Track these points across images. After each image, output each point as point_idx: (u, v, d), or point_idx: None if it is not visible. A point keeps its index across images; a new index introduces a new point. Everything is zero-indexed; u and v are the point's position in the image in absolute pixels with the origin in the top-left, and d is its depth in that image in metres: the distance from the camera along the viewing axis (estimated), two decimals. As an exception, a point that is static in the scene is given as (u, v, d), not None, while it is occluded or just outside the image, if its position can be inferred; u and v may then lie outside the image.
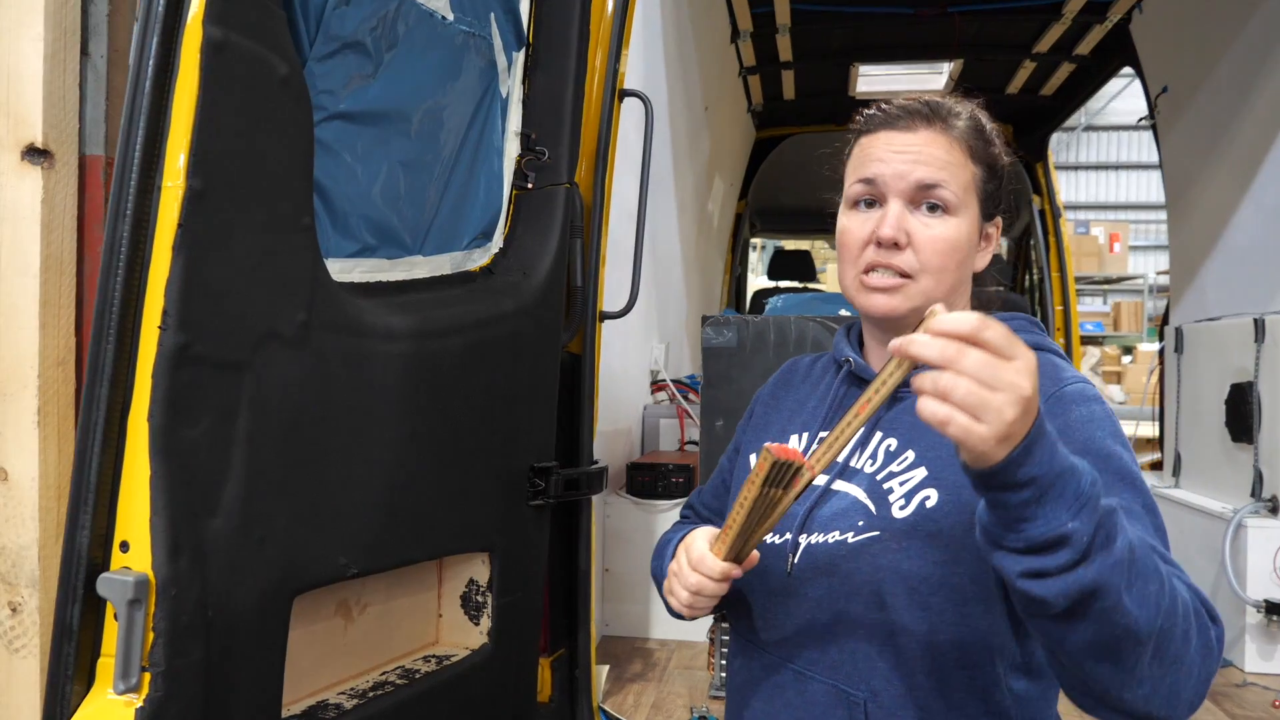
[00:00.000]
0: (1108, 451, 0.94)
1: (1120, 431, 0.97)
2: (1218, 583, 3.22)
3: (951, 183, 1.05)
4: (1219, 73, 4.02)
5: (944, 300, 1.07)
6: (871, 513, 1.02)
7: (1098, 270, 10.95)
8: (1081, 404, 0.98)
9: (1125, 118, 15.40)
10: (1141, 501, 0.92)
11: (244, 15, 1.06)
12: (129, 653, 0.96)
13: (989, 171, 1.10)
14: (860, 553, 1.01)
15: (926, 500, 0.99)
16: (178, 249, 0.99)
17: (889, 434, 1.07)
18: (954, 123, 1.08)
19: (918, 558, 0.98)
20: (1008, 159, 1.13)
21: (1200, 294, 4.27)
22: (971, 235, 1.08)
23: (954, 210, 1.05)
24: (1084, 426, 0.96)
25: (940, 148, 1.06)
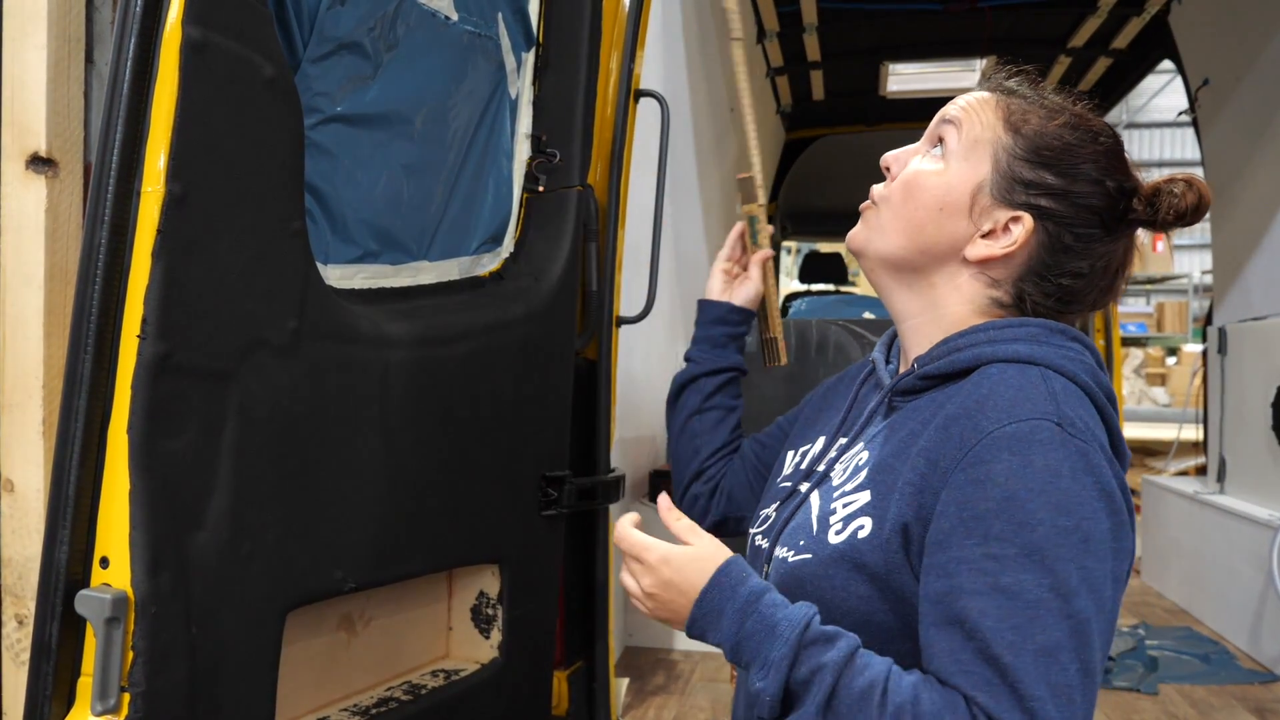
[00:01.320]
0: (1022, 519, 0.84)
1: (1057, 488, 0.85)
2: (1265, 592, 3.11)
3: (964, 128, 1.00)
4: (1263, 63, 3.90)
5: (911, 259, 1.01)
6: (812, 534, 0.98)
7: (1140, 270, 10.71)
8: (1017, 451, 0.86)
9: (1167, 114, 15.10)
10: (1050, 584, 0.82)
11: (226, 15, 1.03)
12: (107, 672, 0.93)
13: (1033, 157, 0.97)
14: (793, 575, 0.97)
15: (860, 530, 0.93)
16: (157, 255, 0.96)
17: (867, 446, 1.02)
18: (1013, 89, 1.03)
19: (841, 589, 0.93)
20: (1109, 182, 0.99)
21: (1245, 292, 4.14)
22: (952, 191, 0.99)
23: (950, 156, 1.00)
24: (1006, 481, 0.85)
25: (980, 106, 1.01)
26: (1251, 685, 3.10)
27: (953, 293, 1.02)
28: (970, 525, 0.85)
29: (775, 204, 6.26)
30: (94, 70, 1.39)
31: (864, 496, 0.96)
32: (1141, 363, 10.59)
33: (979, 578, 0.84)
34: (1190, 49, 4.37)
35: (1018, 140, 0.99)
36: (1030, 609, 0.82)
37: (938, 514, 0.88)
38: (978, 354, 0.96)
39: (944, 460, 0.90)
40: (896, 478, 0.94)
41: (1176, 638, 3.56)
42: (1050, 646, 0.81)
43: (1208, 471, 4.00)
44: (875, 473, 0.96)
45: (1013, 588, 0.82)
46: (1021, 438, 0.86)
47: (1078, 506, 0.84)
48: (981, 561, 0.84)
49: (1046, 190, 0.98)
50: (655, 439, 3.50)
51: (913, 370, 1.01)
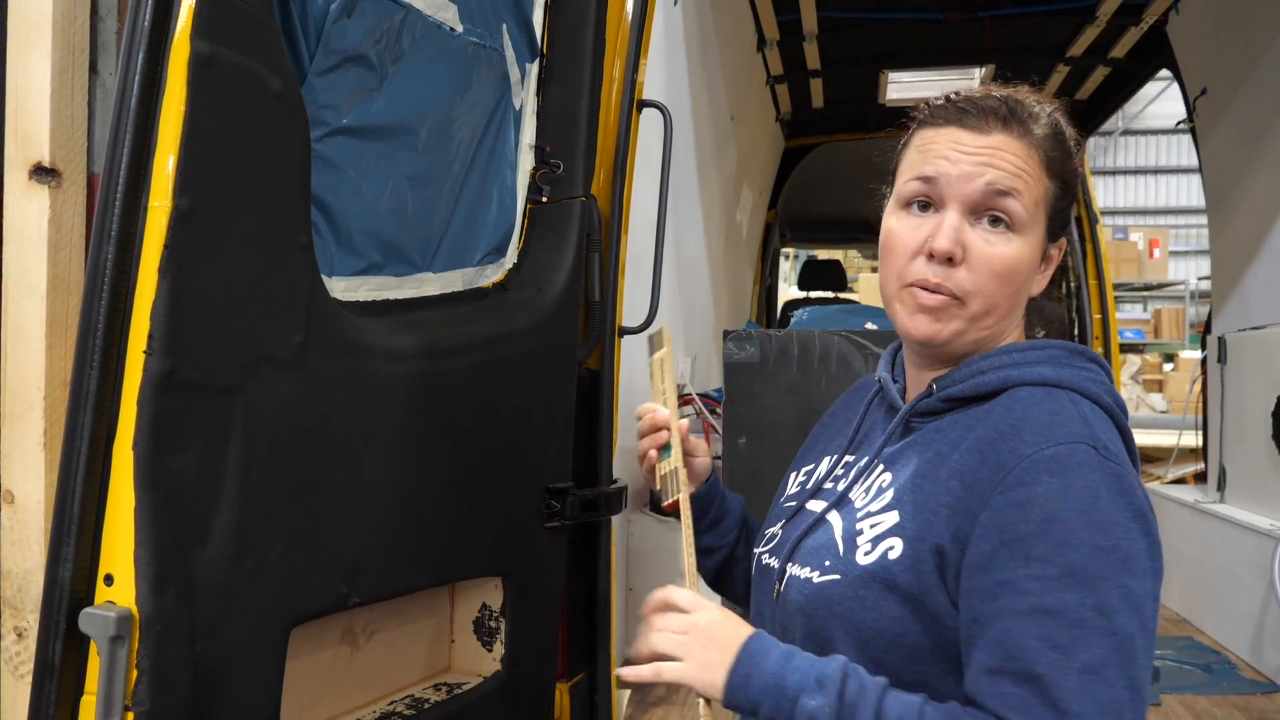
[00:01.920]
0: (1063, 539, 0.84)
1: (1097, 509, 0.86)
2: (1266, 602, 3.11)
3: (1024, 195, 0.94)
4: (1260, 73, 3.91)
5: (992, 329, 0.98)
6: (839, 554, 0.97)
7: (1137, 277, 10.76)
8: (1056, 474, 0.87)
9: (1163, 121, 15.15)
10: (1093, 604, 0.83)
11: (234, 29, 1.02)
12: (111, 691, 0.92)
13: (1063, 188, 0.99)
14: (819, 596, 0.96)
15: (890, 550, 0.93)
16: (164, 270, 0.96)
17: (888, 468, 1.01)
18: (1034, 127, 0.97)
19: (872, 610, 0.92)
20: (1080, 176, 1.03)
21: (1244, 301, 4.14)
22: (1034, 259, 0.98)
23: (1020, 228, 0.95)
24: (1047, 503, 0.86)
25: (1016, 154, 0.95)
26: (1254, 696, 3.10)
27: (1011, 325, 1.02)
28: (1012, 547, 0.86)
29: (775, 211, 6.27)
30: (98, 80, 1.38)
31: (891, 517, 0.95)
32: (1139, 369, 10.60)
33: (1022, 598, 0.84)
34: (1188, 59, 4.38)
35: (1056, 183, 0.98)
36: (1074, 628, 0.82)
37: (977, 537, 0.88)
38: (1004, 377, 0.96)
39: (981, 484, 0.90)
40: (927, 499, 0.93)
41: (1178, 648, 3.56)
42: (1095, 664, 0.81)
43: (1208, 480, 4.00)
44: (903, 494, 0.96)
45: (1056, 608, 0.83)
46: (1060, 460, 0.87)
47: (1115, 527, 0.85)
48: (1024, 582, 0.84)
49: (1069, 208, 1.02)
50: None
51: (931, 391, 1.01)
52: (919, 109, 1.03)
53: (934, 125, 0.99)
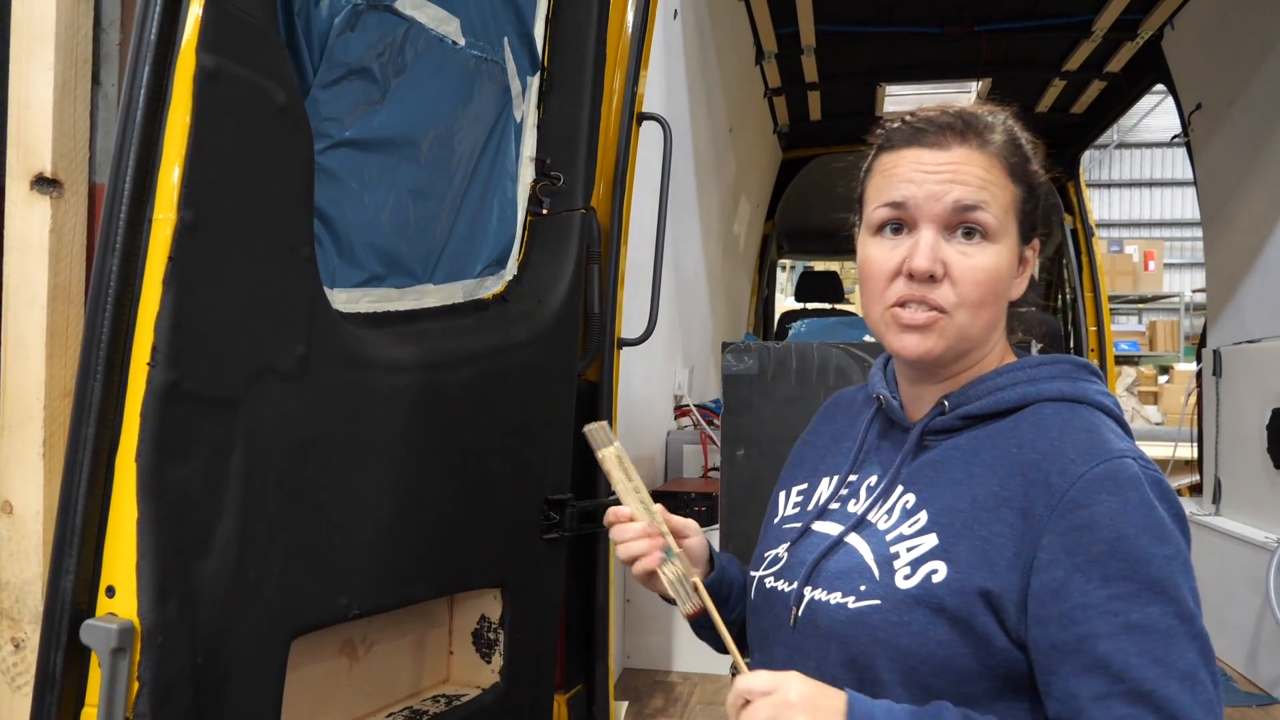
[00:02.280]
0: (1135, 555, 0.87)
1: (1155, 520, 0.89)
2: (1262, 615, 3.11)
3: (992, 205, 0.96)
4: (1254, 88, 3.93)
5: (980, 338, 0.99)
6: (875, 578, 0.95)
7: (1132, 289, 10.80)
8: (1114, 491, 0.89)
9: (1158, 135, 15.21)
10: (1175, 611, 0.86)
11: (239, 43, 1.03)
12: (112, 703, 0.92)
13: (1028, 191, 1.01)
14: (859, 621, 0.94)
15: (934, 574, 0.92)
16: (168, 283, 0.96)
17: (909, 488, 1.00)
18: (990, 137, 0.98)
19: (919, 635, 0.91)
20: (1045, 175, 1.04)
21: (1239, 314, 4.16)
22: (1012, 263, 0.99)
23: (994, 236, 0.96)
24: (1111, 522, 0.88)
25: (978, 166, 0.96)
26: (1249, 708, 3.10)
27: (997, 334, 1.03)
28: (1087, 570, 0.87)
29: (772, 223, 6.29)
30: (100, 91, 1.39)
31: (929, 540, 0.94)
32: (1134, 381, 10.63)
33: (1109, 619, 0.86)
34: (1183, 73, 4.40)
35: (1021, 188, 1.00)
36: (1165, 638, 0.85)
37: (1045, 563, 0.89)
38: (1023, 393, 0.98)
39: (1036, 508, 0.90)
40: (971, 523, 0.93)
41: (1173, 660, 3.56)
42: (1189, 670, 0.85)
43: (1203, 493, 4.01)
44: (939, 516, 0.95)
45: (1144, 623, 0.85)
46: (1113, 477, 0.90)
47: (1171, 533, 0.89)
48: (1108, 604, 0.86)
49: (1036, 209, 1.03)
50: (654, 459, 3.50)
51: (944, 409, 1.01)
52: (875, 134, 1.05)
53: (893, 149, 1.00)
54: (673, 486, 3.19)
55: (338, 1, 1.28)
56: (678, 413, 3.81)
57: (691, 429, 3.69)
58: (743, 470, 2.29)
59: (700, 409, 3.63)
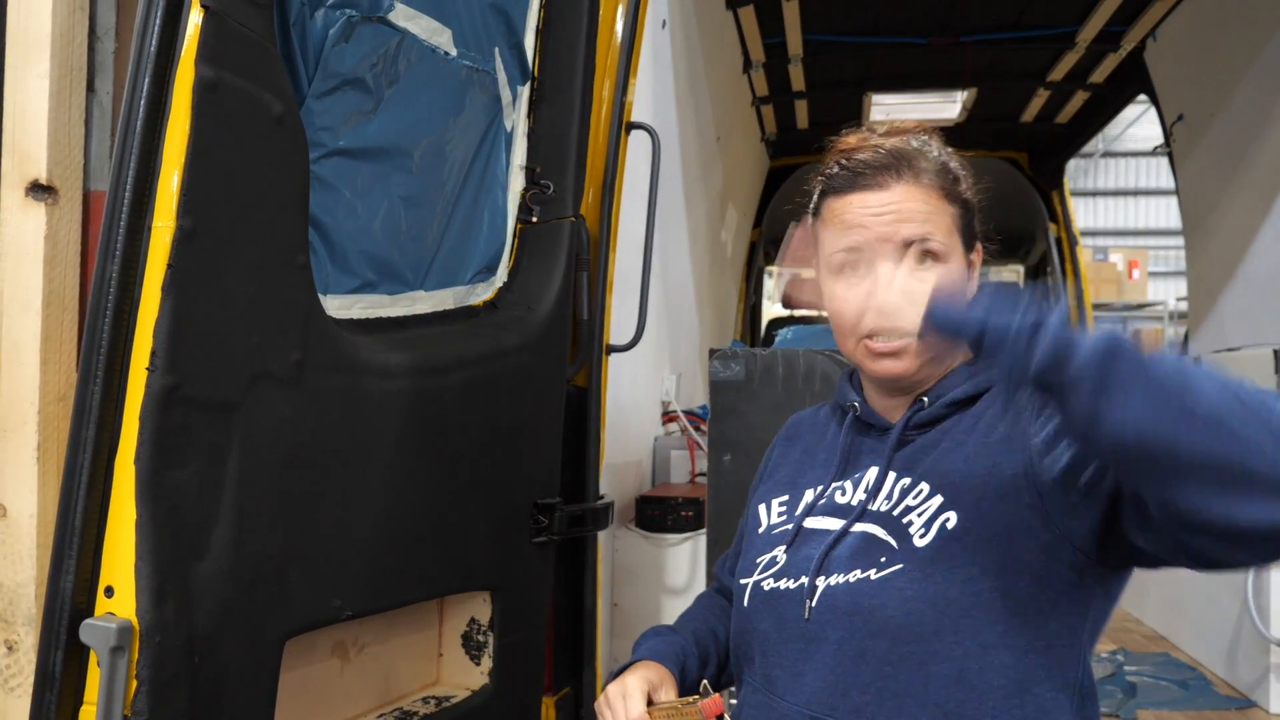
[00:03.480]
0: None
1: None
2: (1241, 620, 3.15)
3: (937, 231, 1.03)
4: (1235, 100, 3.99)
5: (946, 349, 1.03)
6: (893, 548, 0.99)
7: (1117, 297, 10.88)
8: None
9: (1143, 144, 15.33)
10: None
11: (237, 54, 1.05)
12: (111, 701, 0.94)
13: (963, 206, 1.08)
14: (885, 588, 0.97)
15: (946, 523, 0.97)
16: (167, 289, 0.98)
17: (903, 474, 1.05)
18: (922, 166, 1.05)
19: (943, 581, 0.95)
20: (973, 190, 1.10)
21: (1219, 323, 4.22)
22: (964, 275, 1.06)
23: (944, 258, 1.03)
24: None
25: (918, 200, 1.03)
26: (1228, 711, 3.14)
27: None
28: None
29: (760, 230, 6.33)
30: (95, 99, 1.41)
31: (936, 501, 0.99)
32: (1118, 389, 10.71)
33: None
34: (1165, 85, 4.47)
35: (956, 206, 1.06)
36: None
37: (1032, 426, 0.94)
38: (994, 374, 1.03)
39: (1018, 408, 0.96)
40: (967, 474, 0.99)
41: (1155, 664, 3.60)
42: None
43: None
44: (939, 481, 1.00)
45: None
46: None
47: None
48: None
49: (973, 217, 1.09)
50: (642, 464, 3.52)
51: (922, 404, 1.06)
52: (817, 180, 1.12)
53: (837, 194, 1.07)
54: (660, 491, 3.22)
55: (332, 13, 1.31)
56: (665, 418, 3.83)
57: (679, 434, 3.71)
58: (729, 475, 2.31)
59: (688, 415, 3.66)
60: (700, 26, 3.82)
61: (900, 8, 4.23)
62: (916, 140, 1.08)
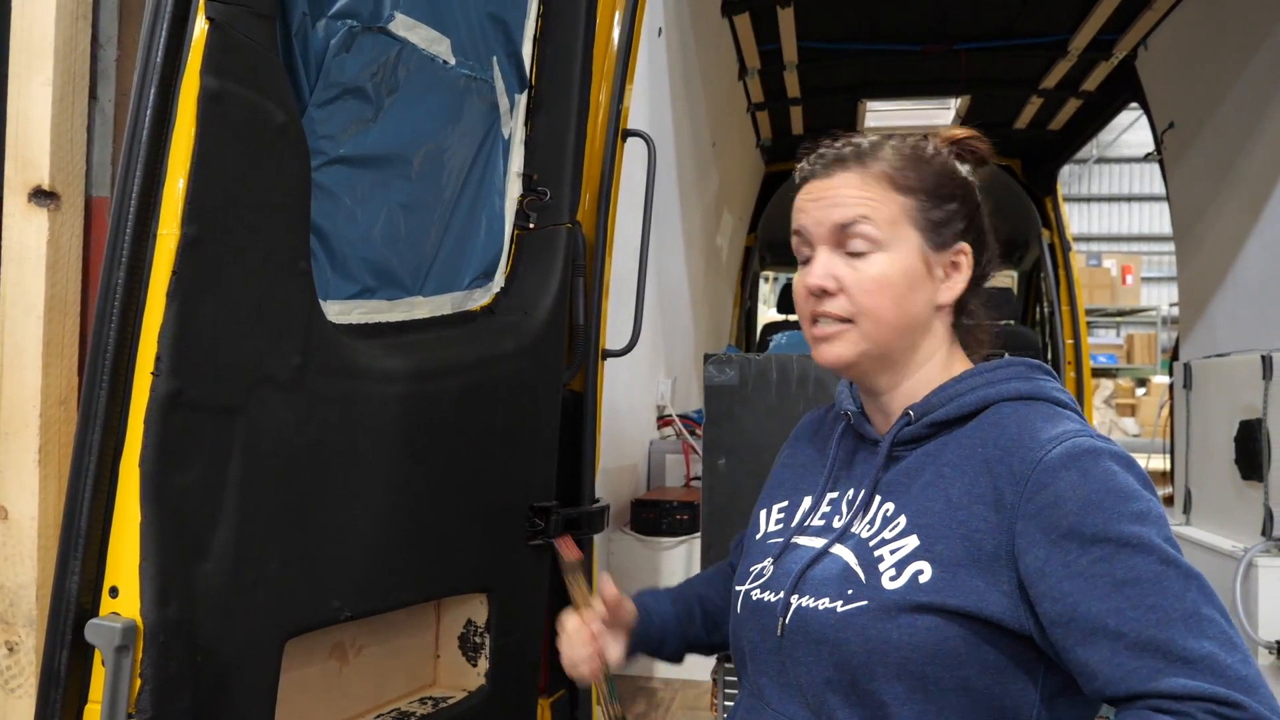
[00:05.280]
0: (1104, 518, 0.89)
1: (1119, 482, 0.91)
2: (1230, 623, 3.17)
3: (873, 216, 1.03)
4: (1225, 108, 4.03)
5: (901, 342, 1.05)
6: (861, 581, 0.99)
7: (1110, 302, 10.92)
8: (1071, 465, 0.92)
9: (1137, 150, 15.40)
10: (1158, 558, 0.88)
11: (241, 65, 1.07)
12: (115, 700, 0.96)
13: (931, 198, 1.06)
14: (849, 623, 0.98)
15: (920, 575, 0.96)
16: (171, 295, 1.00)
17: (887, 497, 1.04)
18: (873, 159, 1.06)
19: (908, 628, 0.95)
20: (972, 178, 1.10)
21: (1210, 329, 4.25)
22: (910, 268, 1.04)
23: (881, 245, 1.03)
24: (1074, 492, 0.91)
25: (854, 186, 1.05)
26: (1217, 715, 3.16)
27: (933, 341, 1.08)
28: (1064, 544, 0.90)
29: (755, 235, 6.36)
30: (97, 106, 1.43)
31: (911, 542, 0.98)
32: (1112, 393, 10.75)
33: (1095, 583, 0.88)
34: (1156, 93, 4.50)
35: (916, 198, 1.05)
36: (1155, 584, 0.86)
37: (1025, 548, 0.92)
38: (983, 396, 1.03)
39: (1006, 498, 0.94)
40: (949, 521, 0.96)
41: (1145, 667, 3.62)
42: (1191, 608, 0.85)
43: (1174, 503, 4.08)
44: (917, 518, 0.99)
45: (1129, 577, 0.87)
46: (1070, 454, 0.93)
47: (1137, 491, 0.91)
48: (1090, 569, 0.88)
49: (956, 215, 1.07)
50: (637, 468, 3.54)
51: (910, 419, 1.05)
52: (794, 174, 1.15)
53: (800, 185, 1.10)
54: (655, 495, 3.24)
55: (334, 24, 1.33)
56: (661, 422, 3.85)
57: (674, 439, 3.74)
58: (724, 479, 2.33)
59: (683, 419, 3.68)
60: (696, 34, 3.85)
61: (894, 15, 4.27)
62: (899, 139, 1.09)
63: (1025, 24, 4.29)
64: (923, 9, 4.19)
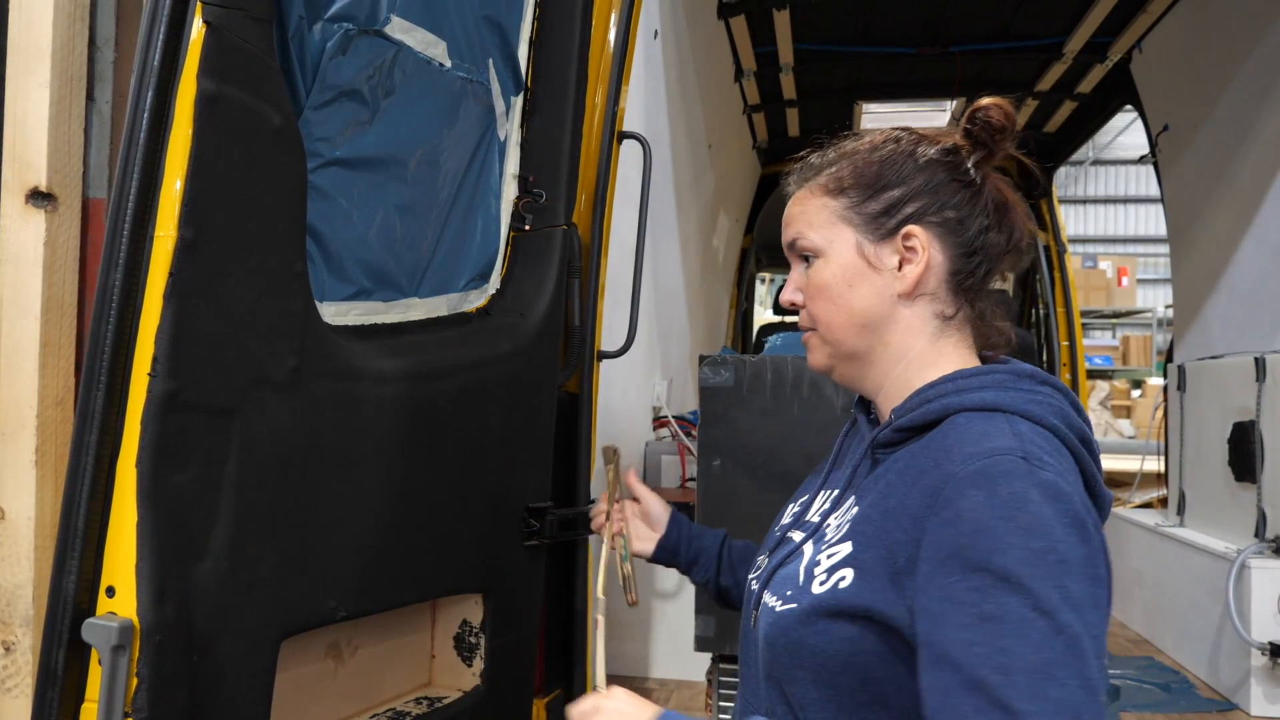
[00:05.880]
0: (993, 547, 0.84)
1: (1026, 513, 0.84)
2: (1223, 623, 3.19)
3: (807, 229, 1.08)
4: (1219, 111, 4.05)
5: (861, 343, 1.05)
6: (799, 584, 1.00)
7: (1106, 304, 10.95)
8: (982, 485, 0.87)
9: (1132, 152, 15.40)
10: (1032, 604, 0.81)
11: (238, 68, 1.08)
12: (112, 699, 0.96)
13: (866, 191, 1.05)
14: (778, 624, 0.99)
15: (842, 581, 0.95)
16: (168, 297, 1.01)
17: (858, 500, 1.03)
18: (816, 169, 1.10)
19: (824, 634, 0.94)
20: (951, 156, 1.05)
21: (1204, 331, 4.27)
22: (846, 265, 1.05)
23: (820, 252, 1.07)
24: (974, 514, 0.86)
25: (796, 204, 1.11)
26: (1210, 714, 3.18)
27: (905, 335, 1.05)
28: (947, 564, 0.86)
29: (751, 237, 6.37)
30: (95, 108, 1.43)
31: (846, 548, 0.97)
32: (1107, 395, 10.78)
33: (962, 611, 0.83)
34: (1150, 96, 4.53)
35: (848, 195, 1.06)
36: (1016, 628, 0.80)
37: (920, 562, 0.89)
38: (946, 404, 0.98)
39: (922, 511, 0.91)
40: (880, 531, 0.94)
41: (1138, 667, 3.64)
42: (1043, 664, 0.79)
43: (1168, 504, 4.10)
44: (856, 524, 0.98)
45: (996, 614, 0.82)
46: (985, 472, 0.88)
47: (1049, 530, 0.84)
48: (963, 595, 0.83)
49: (902, 201, 1.04)
50: (634, 469, 3.54)
51: (890, 423, 1.05)
52: None
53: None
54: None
55: (330, 27, 1.33)
56: (657, 424, 3.86)
57: (670, 440, 3.74)
58: (719, 480, 2.34)
59: (679, 420, 3.69)
60: (692, 36, 3.86)
61: (890, 18, 4.28)
62: (852, 142, 1.11)
63: (1020, 27, 4.32)
64: (918, 12, 4.21)
